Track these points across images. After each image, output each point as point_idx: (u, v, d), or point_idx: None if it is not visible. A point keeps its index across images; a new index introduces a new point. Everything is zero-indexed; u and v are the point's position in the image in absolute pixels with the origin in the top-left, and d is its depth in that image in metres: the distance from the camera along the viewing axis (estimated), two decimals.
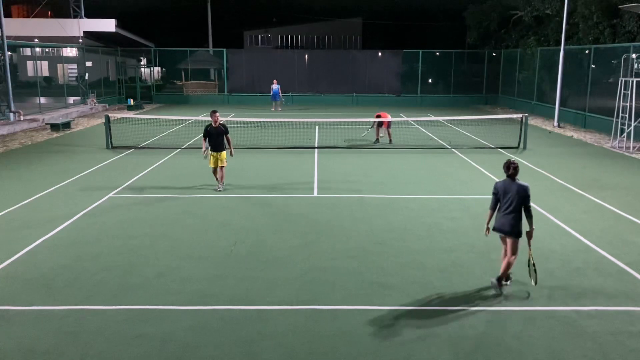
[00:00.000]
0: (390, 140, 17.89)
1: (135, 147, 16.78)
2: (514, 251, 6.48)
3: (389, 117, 17.77)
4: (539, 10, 28.03)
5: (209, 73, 38.39)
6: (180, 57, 35.63)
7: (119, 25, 33.17)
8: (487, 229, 6.69)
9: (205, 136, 11.38)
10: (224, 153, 11.38)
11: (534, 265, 6.60)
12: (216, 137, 11.27)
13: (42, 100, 27.15)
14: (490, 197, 6.67)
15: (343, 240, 8.38)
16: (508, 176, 6.50)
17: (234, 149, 11.76)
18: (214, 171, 11.54)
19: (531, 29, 29.48)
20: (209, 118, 11.43)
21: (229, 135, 11.40)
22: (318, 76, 35.91)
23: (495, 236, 8.57)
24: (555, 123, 22.86)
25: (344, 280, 6.88)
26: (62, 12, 34.53)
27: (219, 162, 11.36)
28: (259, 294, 6.49)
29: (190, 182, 12.21)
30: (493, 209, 6.63)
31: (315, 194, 11.34)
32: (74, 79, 35.71)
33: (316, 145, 17.43)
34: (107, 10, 38.84)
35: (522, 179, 6.52)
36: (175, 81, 38.01)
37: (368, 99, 33.73)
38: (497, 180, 7.00)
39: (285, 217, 9.63)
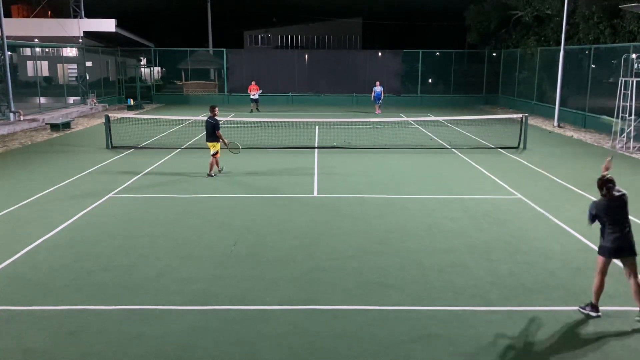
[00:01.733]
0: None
1: (135, 147, 16.78)
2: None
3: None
4: (539, 10, 28.03)
5: (209, 73, 38.38)
6: (180, 57, 35.62)
7: (119, 25, 33.15)
8: None
9: None
10: (209, 144, 12.75)
11: None
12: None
13: (42, 100, 27.18)
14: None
15: (343, 240, 8.38)
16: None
17: (228, 142, 13.08)
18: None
19: (531, 29, 29.47)
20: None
21: (217, 130, 12.59)
22: (318, 76, 35.90)
23: (494, 236, 8.62)
24: (555, 123, 22.86)
25: (344, 280, 6.88)
26: (62, 12, 34.48)
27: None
28: (259, 294, 6.49)
29: (190, 182, 12.21)
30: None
31: (315, 194, 11.34)
32: (74, 79, 35.72)
33: (316, 145, 17.44)
34: (107, 10, 38.80)
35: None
36: (175, 81, 38.01)
37: (368, 99, 33.72)
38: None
39: (285, 217, 9.63)
